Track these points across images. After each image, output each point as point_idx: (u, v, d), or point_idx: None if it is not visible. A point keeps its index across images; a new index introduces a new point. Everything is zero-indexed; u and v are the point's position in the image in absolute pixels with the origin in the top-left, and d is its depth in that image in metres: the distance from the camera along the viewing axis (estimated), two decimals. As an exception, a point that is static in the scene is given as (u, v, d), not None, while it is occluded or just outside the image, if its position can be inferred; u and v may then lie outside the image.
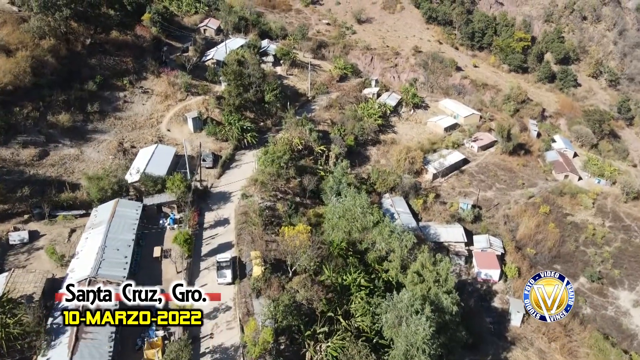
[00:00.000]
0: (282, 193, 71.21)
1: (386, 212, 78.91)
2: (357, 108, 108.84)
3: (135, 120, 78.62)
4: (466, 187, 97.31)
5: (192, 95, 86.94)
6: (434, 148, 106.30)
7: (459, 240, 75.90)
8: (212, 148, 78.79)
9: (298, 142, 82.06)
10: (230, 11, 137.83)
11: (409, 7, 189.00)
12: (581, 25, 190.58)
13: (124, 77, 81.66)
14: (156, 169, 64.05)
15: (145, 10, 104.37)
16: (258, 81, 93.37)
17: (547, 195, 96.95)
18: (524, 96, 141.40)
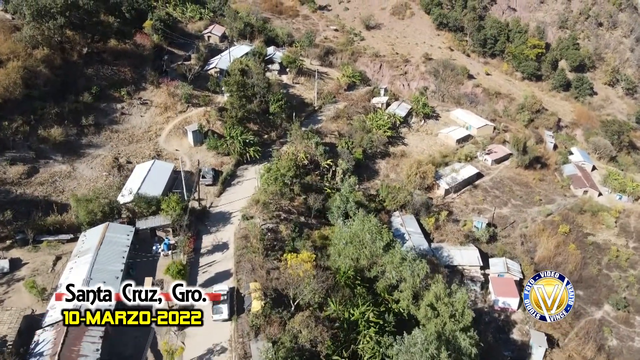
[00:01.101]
0: (285, 213, 66.95)
1: (396, 232, 74.43)
2: (366, 119, 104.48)
3: (132, 133, 74.83)
4: (480, 203, 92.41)
5: (192, 106, 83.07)
6: (446, 161, 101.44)
7: (474, 264, 71.13)
8: (213, 163, 74.84)
9: (303, 157, 77.82)
10: (236, 17, 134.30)
11: (419, 12, 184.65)
12: (597, 32, 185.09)
13: (121, 87, 77.97)
14: (152, 188, 60.04)
15: (146, 17, 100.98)
16: (262, 91, 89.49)
17: (566, 213, 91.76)
18: (539, 105, 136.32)
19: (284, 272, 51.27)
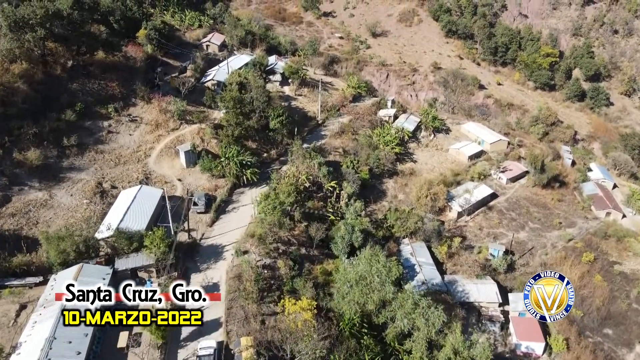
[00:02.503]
0: (284, 244, 60.72)
1: (406, 263, 68.16)
2: (372, 134, 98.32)
3: (119, 153, 68.95)
4: (495, 227, 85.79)
5: (186, 123, 77.16)
6: (458, 180, 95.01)
7: (493, 300, 64.57)
8: (206, 187, 68.83)
9: (305, 180, 71.65)
10: (237, 25, 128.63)
11: (427, 19, 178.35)
12: (612, 40, 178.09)
13: (109, 103, 72.20)
14: (136, 220, 54.02)
15: (140, 26, 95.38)
16: (262, 106, 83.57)
17: (588, 238, 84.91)
18: (554, 118, 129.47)
19: (281, 319, 45.18)
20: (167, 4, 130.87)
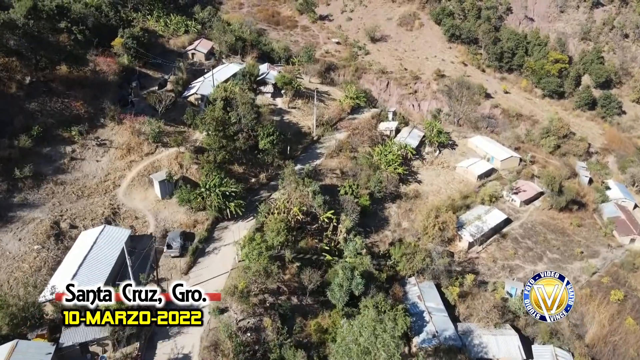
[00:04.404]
0: (272, 294, 51.84)
1: (413, 309, 59.35)
2: (373, 152, 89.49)
3: (83, 184, 59.85)
4: (510, 258, 77.07)
5: (163, 146, 68.08)
6: (467, 203, 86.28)
7: (515, 356, 55.72)
8: (184, 222, 59.86)
9: (297, 212, 62.76)
10: (226, 30, 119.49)
11: (429, 23, 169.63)
12: (622, 44, 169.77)
13: (73, 125, 63.06)
14: (93, 274, 45.03)
15: (116, 33, 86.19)
16: (251, 123, 74.76)
17: (614, 271, 76.35)
18: (566, 130, 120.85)
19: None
20: (152, 8, 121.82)
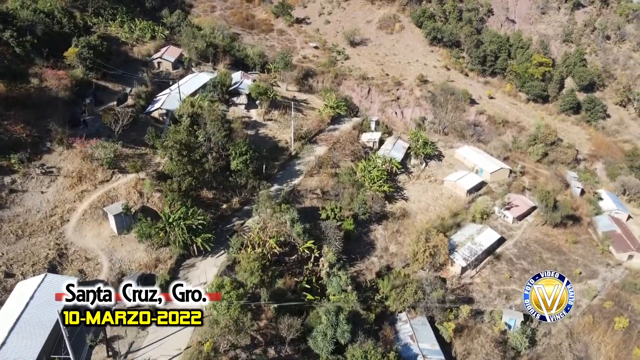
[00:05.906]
0: (246, 349, 44.83)
1: (405, 352, 52.98)
2: (356, 168, 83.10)
3: (25, 221, 51.67)
4: (506, 282, 71.64)
5: (120, 172, 60.18)
6: (458, 221, 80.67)
7: (521, 405, 49.98)
8: (144, 262, 52.31)
9: (274, 244, 55.83)
10: (196, 35, 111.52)
11: (410, 26, 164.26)
12: (604, 46, 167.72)
13: (12, 152, 54.74)
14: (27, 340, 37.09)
15: (70, 42, 77.72)
16: (222, 142, 67.72)
17: (616, 294, 71.56)
18: (554, 137, 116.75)
19: None
20: (115, 12, 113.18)
